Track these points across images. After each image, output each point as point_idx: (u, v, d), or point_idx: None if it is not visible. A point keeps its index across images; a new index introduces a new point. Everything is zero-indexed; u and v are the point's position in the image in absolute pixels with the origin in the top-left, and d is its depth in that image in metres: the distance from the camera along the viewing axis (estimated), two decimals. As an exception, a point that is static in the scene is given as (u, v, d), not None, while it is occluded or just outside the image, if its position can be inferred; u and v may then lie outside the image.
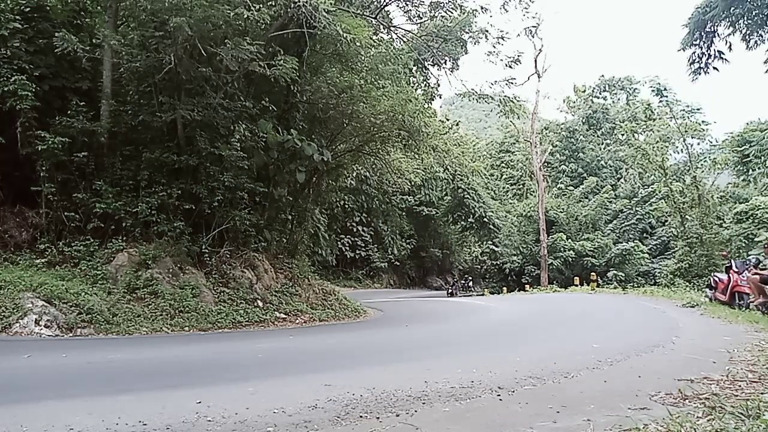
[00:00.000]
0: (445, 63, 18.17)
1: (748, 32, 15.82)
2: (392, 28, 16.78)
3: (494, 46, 17.29)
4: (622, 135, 40.48)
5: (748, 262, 11.05)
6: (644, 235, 33.20)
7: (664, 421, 2.83)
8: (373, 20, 15.21)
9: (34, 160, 10.02)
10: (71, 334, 7.82)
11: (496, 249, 36.01)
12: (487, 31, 16.91)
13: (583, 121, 46.37)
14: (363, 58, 13.24)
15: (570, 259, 30.41)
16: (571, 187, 38.56)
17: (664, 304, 13.37)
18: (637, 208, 33.39)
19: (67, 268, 9.56)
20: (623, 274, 28.43)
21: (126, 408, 3.33)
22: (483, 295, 31.75)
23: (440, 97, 22.94)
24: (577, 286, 24.81)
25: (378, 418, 3.20)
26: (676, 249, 27.04)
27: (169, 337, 8.58)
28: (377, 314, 14.77)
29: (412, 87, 17.72)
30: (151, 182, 10.87)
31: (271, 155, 12.90)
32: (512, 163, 47.24)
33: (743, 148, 29.29)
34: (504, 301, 20.46)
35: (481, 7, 16.31)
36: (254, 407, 3.37)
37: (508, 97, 21.41)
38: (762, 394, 3.43)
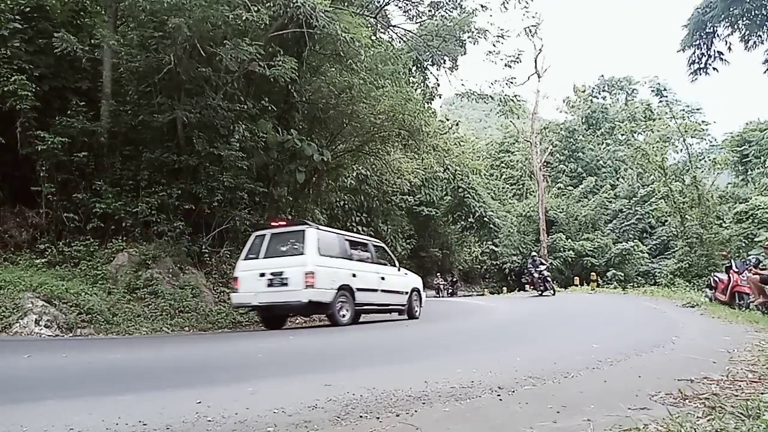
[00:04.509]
0: (445, 63, 18.23)
1: (747, 33, 15.80)
2: (392, 28, 16.80)
3: (494, 45, 17.41)
4: (622, 135, 40.51)
5: (748, 262, 11.05)
6: (644, 235, 33.15)
7: (664, 421, 2.82)
8: (372, 20, 15.22)
9: (34, 160, 10.03)
10: (71, 334, 7.83)
11: (496, 249, 35.96)
12: (486, 30, 16.98)
13: (583, 120, 46.29)
14: (362, 58, 13.24)
15: (570, 259, 30.40)
16: (571, 187, 38.51)
17: (664, 304, 13.37)
18: (636, 208, 33.34)
19: (67, 268, 9.58)
20: (623, 274, 28.39)
21: (126, 408, 3.32)
22: (483, 295, 31.73)
23: (440, 97, 23.00)
24: (577, 286, 24.80)
25: (378, 418, 3.19)
26: (676, 249, 27.03)
27: (169, 337, 8.58)
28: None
29: (412, 87, 17.74)
30: (151, 182, 10.88)
31: (271, 155, 12.92)
32: (512, 163, 47.13)
33: (743, 148, 29.40)
34: (504, 301, 20.45)
35: (481, 6, 16.40)
36: (254, 407, 3.36)
37: (508, 97, 21.42)
38: (762, 394, 3.42)
